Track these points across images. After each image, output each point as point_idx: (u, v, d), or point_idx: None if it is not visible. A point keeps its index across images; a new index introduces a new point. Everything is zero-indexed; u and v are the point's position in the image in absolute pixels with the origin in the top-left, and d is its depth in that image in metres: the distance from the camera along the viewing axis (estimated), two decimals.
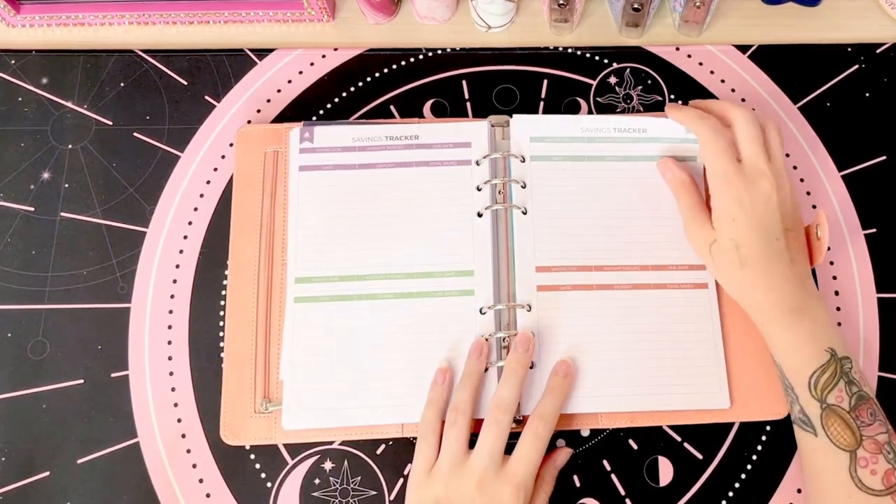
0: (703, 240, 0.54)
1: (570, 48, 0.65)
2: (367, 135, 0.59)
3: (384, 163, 0.58)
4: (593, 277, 0.56)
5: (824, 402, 0.49)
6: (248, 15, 0.65)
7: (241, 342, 0.56)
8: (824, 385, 0.49)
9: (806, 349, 0.50)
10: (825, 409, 0.49)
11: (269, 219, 0.58)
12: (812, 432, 0.49)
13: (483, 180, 0.58)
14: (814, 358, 0.49)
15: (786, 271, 0.51)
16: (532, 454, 0.50)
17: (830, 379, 0.49)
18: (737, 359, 0.55)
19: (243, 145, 0.60)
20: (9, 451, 0.55)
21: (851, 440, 0.48)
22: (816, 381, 0.49)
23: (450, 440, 0.50)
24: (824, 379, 0.49)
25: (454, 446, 0.50)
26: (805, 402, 0.49)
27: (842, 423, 0.48)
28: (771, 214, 0.51)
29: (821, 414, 0.49)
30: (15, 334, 0.58)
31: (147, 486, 0.55)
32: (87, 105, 0.63)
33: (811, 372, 0.49)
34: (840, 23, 0.65)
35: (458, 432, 0.50)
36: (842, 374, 0.49)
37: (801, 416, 0.50)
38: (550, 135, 0.59)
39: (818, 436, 0.49)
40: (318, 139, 0.59)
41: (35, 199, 0.61)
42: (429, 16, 0.65)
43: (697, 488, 0.55)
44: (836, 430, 0.48)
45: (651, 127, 0.59)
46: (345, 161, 0.58)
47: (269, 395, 0.55)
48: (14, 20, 0.65)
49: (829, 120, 0.63)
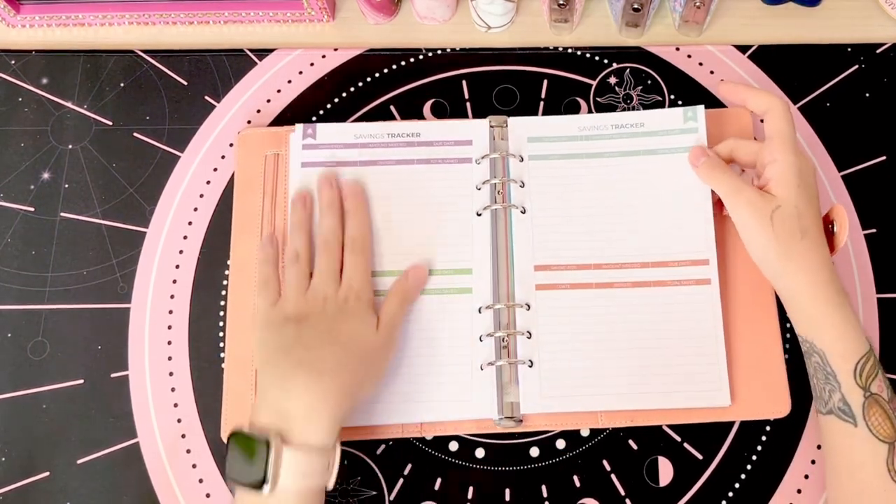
0: (764, 206, 0.50)
1: (570, 48, 0.65)
2: (370, 132, 0.59)
3: (385, 160, 0.58)
4: (592, 276, 0.56)
5: (868, 391, 0.48)
6: (248, 15, 0.65)
7: (241, 344, 0.56)
8: (869, 373, 0.48)
9: (854, 334, 0.49)
10: (868, 397, 0.47)
11: (270, 221, 0.58)
12: (852, 422, 0.48)
13: (482, 180, 0.58)
14: (860, 344, 0.48)
15: (828, 254, 0.51)
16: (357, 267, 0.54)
17: (874, 367, 0.48)
18: (739, 356, 0.55)
19: (243, 148, 0.60)
20: (9, 451, 0.56)
21: (891, 431, 0.47)
22: (862, 369, 0.48)
23: (291, 274, 0.54)
24: (869, 366, 0.48)
25: (299, 279, 0.53)
26: (848, 390, 0.48)
27: (883, 414, 0.47)
28: (816, 192, 0.52)
29: (863, 402, 0.47)
30: (15, 334, 0.58)
31: (147, 486, 0.55)
32: (87, 105, 0.63)
33: (858, 358, 0.48)
34: (840, 23, 0.65)
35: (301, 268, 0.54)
36: (878, 364, 0.48)
37: (840, 406, 0.48)
38: (548, 134, 0.59)
39: (858, 426, 0.48)
40: (320, 136, 0.59)
41: (35, 199, 0.61)
42: (429, 16, 0.65)
43: (697, 488, 0.55)
44: (877, 420, 0.47)
45: (648, 120, 0.59)
46: (347, 158, 0.58)
47: None
48: (14, 20, 0.65)
49: (829, 120, 0.63)
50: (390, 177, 0.58)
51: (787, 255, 0.50)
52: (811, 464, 0.55)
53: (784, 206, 0.50)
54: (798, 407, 0.54)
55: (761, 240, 0.51)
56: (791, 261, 0.50)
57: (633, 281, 0.56)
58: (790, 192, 0.50)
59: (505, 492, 0.55)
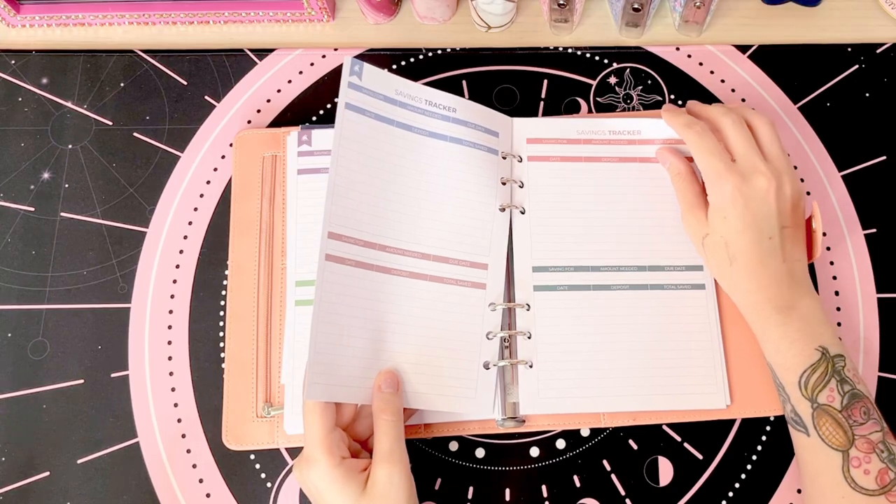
0: (697, 232, 0.54)
1: (570, 48, 0.65)
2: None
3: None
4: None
5: (815, 402, 0.48)
6: (248, 15, 0.65)
7: (242, 346, 0.56)
8: (815, 384, 0.49)
9: (795, 348, 0.49)
10: (816, 408, 0.48)
11: (269, 223, 0.58)
12: (804, 432, 0.49)
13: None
14: (803, 356, 0.49)
15: (777, 269, 0.51)
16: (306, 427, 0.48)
17: (821, 378, 0.49)
18: (737, 357, 0.55)
19: (241, 150, 0.60)
20: (9, 451, 0.55)
21: (843, 440, 0.47)
22: (807, 381, 0.49)
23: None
24: (815, 378, 0.49)
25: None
26: (796, 402, 0.49)
27: (833, 423, 0.48)
28: (766, 212, 0.51)
29: (812, 413, 0.48)
30: (15, 334, 0.58)
31: (147, 486, 0.55)
32: (87, 105, 0.63)
33: (801, 371, 0.49)
34: (840, 23, 0.65)
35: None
36: (833, 372, 0.49)
37: (793, 416, 0.50)
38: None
39: (810, 435, 0.49)
40: (315, 142, 0.59)
41: (35, 199, 0.61)
42: (429, 16, 0.65)
43: (697, 488, 0.55)
44: (827, 429, 0.48)
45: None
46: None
47: (270, 400, 0.55)
48: (14, 20, 0.65)
49: (829, 120, 0.63)
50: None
51: (722, 278, 0.54)
52: None
53: (711, 234, 0.53)
54: None
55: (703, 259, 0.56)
56: (726, 282, 0.54)
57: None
58: (717, 223, 0.53)
59: (505, 492, 0.55)
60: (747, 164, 0.52)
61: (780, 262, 0.51)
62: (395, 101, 0.55)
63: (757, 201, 0.51)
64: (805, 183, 0.61)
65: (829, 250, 0.60)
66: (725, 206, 0.52)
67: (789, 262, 0.51)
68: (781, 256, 0.51)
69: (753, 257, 0.51)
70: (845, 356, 0.49)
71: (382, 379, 0.50)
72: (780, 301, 0.50)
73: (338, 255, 0.51)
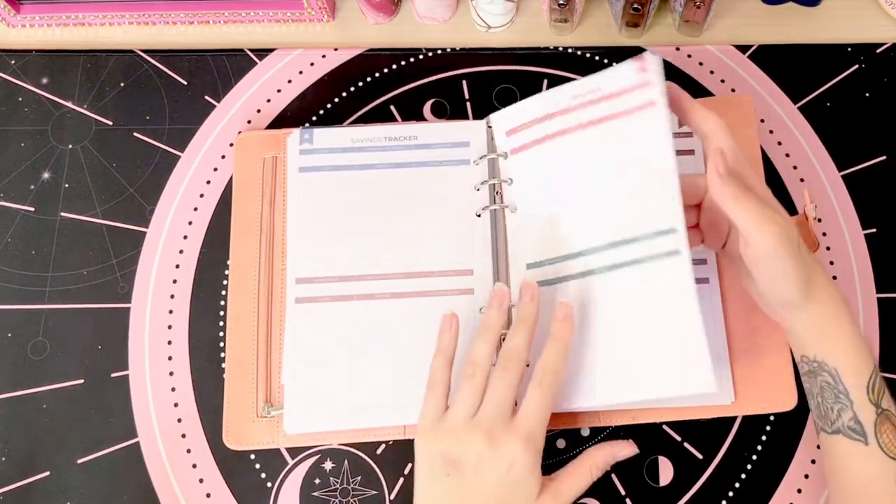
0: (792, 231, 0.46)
1: (570, 48, 0.65)
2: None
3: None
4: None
5: (880, 407, 0.46)
6: (248, 15, 0.65)
7: (242, 347, 0.56)
8: (879, 388, 0.46)
9: (864, 349, 0.47)
10: (880, 414, 0.46)
11: (269, 224, 0.58)
12: (863, 441, 0.46)
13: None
14: (870, 360, 0.47)
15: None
16: (537, 405, 0.47)
17: (882, 383, 0.47)
18: (741, 353, 0.55)
19: (242, 151, 0.60)
20: (9, 451, 0.56)
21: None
22: (873, 385, 0.46)
23: (465, 394, 0.47)
24: (879, 382, 0.46)
25: (469, 401, 0.47)
26: (860, 408, 0.46)
27: (893, 430, 0.46)
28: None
29: (875, 419, 0.46)
30: (15, 334, 0.58)
31: (147, 486, 0.55)
32: (87, 105, 0.63)
33: (870, 374, 0.46)
34: (840, 23, 0.65)
35: (476, 388, 0.47)
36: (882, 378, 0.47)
37: (851, 424, 0.47)
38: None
39: (869, 444, 0.46)
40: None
41: (35, 199, 0.61)
42: (429, 16, 0.65)
43: (697, 488, 0.55)
44: (888, 436, 0.46)
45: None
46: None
47: (271, 400, 0.55)
48: (14, 20, 0.65)
49: (829, 120, 0.63)
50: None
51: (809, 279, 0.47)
52: (811, 463, 0.55)
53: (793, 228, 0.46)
54: (798, 406, 0.54)
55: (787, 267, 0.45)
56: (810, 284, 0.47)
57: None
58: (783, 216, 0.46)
59: None
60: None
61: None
62: (353, 149, 0.58)
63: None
64: (805, 183, 0.61)
65: (829, 250, 0.60)
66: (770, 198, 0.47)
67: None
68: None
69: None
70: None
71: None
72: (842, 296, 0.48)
73: (309, 295, 0.55)
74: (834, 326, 0.48)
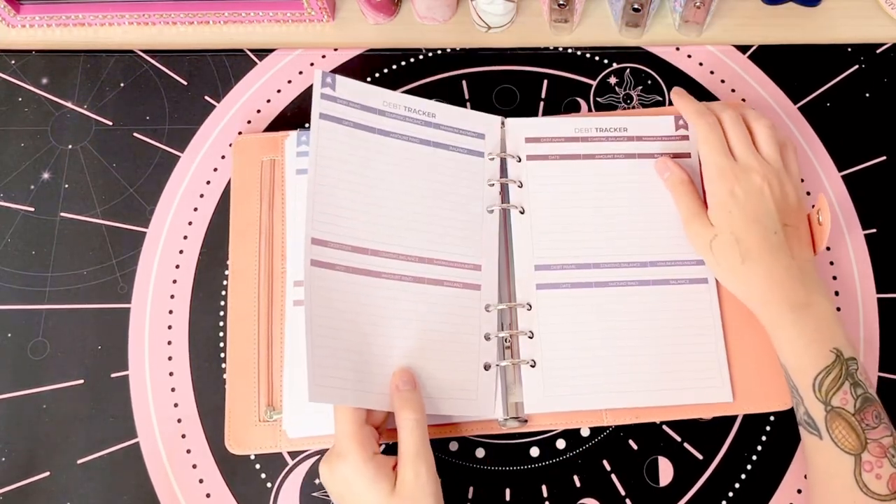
0: (704, 236, 0.54)
1: (570, 48, 0.65)
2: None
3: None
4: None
5: (829, 405, 0.48)
6: (248, 15, 0.65)
7: (243, 351, 0.55)
8: (829, 387, 0.48)
9: (811, 349, 0.49)
10: (829, 411, 0.48)
11: (268, 227, 0.58)
12: (817, 435, 0.49)
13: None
14: (819, 358, 0.49)
15: (788, 265, 0.51)
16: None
17: (835, 380, 0.48)
18: (739, 352, 0.55)
19: (240, 154, 0.60)
20: (9, 451, 0.55)
21: (856, 443, 0.47)
22: (821, 383, 0.48)
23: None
24: (829, 380, 0.48)
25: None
26: (810, 404, 0.49)
27: (846, 426, 0.47)
28: (765, 208, 0.52)
29: (825, 416, 0.48)
30: (15, 334, 0.58)
31: (147, 486, 0.55)
32: (87, 105, 0.63)
33: (816, 373, 0.49)
34: (840, 23, 0.65)
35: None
36: (847, 375, 0.48)
37: (805, 418, 0.50)
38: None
39: (823, 439, 0.48)
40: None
41: (35, 199, 0.61)
42: (429, 16, 0.65)
43: (697, 488, 0.55)
44: (840, 433, 0.47)
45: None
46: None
47: (273, 404, 0.54)
48: (14, 20, 0.65)
49: (829, 120, 0.63)
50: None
51: (734, 279, 0.53)
52: None
53: (720, 234, 0.53)
54: None
55: (710, 266, 0.55)
56: (738, 283, 0.53)
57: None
58: (723, 221, 0.53)
59: (505, 492, 0.55)
60: (744, 161, 0.54)
61: (790, 259, 0.51)
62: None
63: (755, 196, 0.52)
64: (805, 183, 0.61)
65: (829, 250, 0.60)
66: (727, 202, 0.52)
67: (799, 260, 0.51)
68: (790, 253, 0.51)
69: (765, 251, 0.51)
70: (857, 359, 0.49)
71: (399, 378, 0.51)
72: (794, 298, 0.50)
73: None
74: (771, 326, 0.51)
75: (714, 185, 0.53)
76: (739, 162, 0.53)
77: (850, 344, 0.50)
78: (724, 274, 0.54)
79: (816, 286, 0.51)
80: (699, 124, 0.55)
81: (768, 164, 0.53)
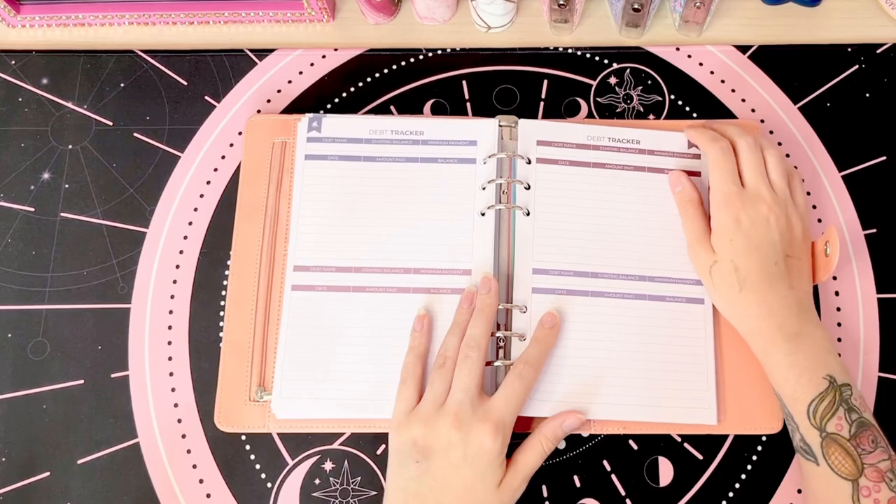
0: (704, 261, 0.54)
1: (570, 48, 0.65)
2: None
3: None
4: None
5: (824, 431, 0.48)
6: (248, 15, 0.65)
7: (239, 330, 0.56)
8: (823, 413, 0.48)
9: (803, 377, 0.49)
10: (825, 437, 0.48)
11: (274, 209, 0.58)
12: (813, 461, 0.49)
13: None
14: (812, 385, 0.49)
15: (785, 296, 0.51)
16: (512, 394, 0.50)
17: (829, 407, 0.48)
18: (733, 373, 0.55)
19: (252, 135, 0.60)
20: (9, 451, 0.56)
21: (853, 469, 0.47)
22: (815, 409, 0.49)
23: (434, 383, 0.51)
24: (823, 407, 0.48)
25: (438, 389, 0.51)
26: (805, 431, 0.49)
27: (842, 452, 0.47)
28: (769, 238, 0.52)
29: (821, 443, 0.48)
30: (15, 334, 0.58)
31: (147, 486, 0.55)
32: (87, 105, 0.63)
33: (810, 400, 0.49)
34: (840, 23, 0.65)
35: (445, 375, 0.51)
36: (841, 401, 0.48)
37: (802, 445, 0.50)
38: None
39: (819, 465, 0.48)
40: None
41: (35, 199, 0.61)
42: (429, 16, 0.65)
43: (697, 489, 0.55)
44: (837, 458, 0.47)
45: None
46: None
47: (264, 384, 0.55)
48: (14, 20, 0.65)
49: (829, 120, 0.63)
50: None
51: (729, 306, 0.53)
52: None
53: (720, 261, 0.53)
54: None
55: (708, 291, 0.55)
56: (734, 311, 0.53)
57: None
58: (724, 248, 0.53)
59: None
60: (754, 189, 0.53)
61: (788, 289, 0.51)
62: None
63: (760, 226, 0.52)
64: (805, 183, 0.61)
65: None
66: (730, 229, 0.52)
67: (796, 291, 0.52)
68: (788, 283, 0.51)
69: (763, 281, 0.51)
70: (852, 385, 0.49)
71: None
72: (788, 328, 0.50)
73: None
74: (764, 355, 0.51)
75: (720, 210, 0.53)
76: (748, 189, 0.53)
77: (844, 370, 0.50)
78: (720, 300, 0.54)
79: (811, 316, 0.51)
80: (712, 149, 0.55)
81: (776, 195, 0.53)
